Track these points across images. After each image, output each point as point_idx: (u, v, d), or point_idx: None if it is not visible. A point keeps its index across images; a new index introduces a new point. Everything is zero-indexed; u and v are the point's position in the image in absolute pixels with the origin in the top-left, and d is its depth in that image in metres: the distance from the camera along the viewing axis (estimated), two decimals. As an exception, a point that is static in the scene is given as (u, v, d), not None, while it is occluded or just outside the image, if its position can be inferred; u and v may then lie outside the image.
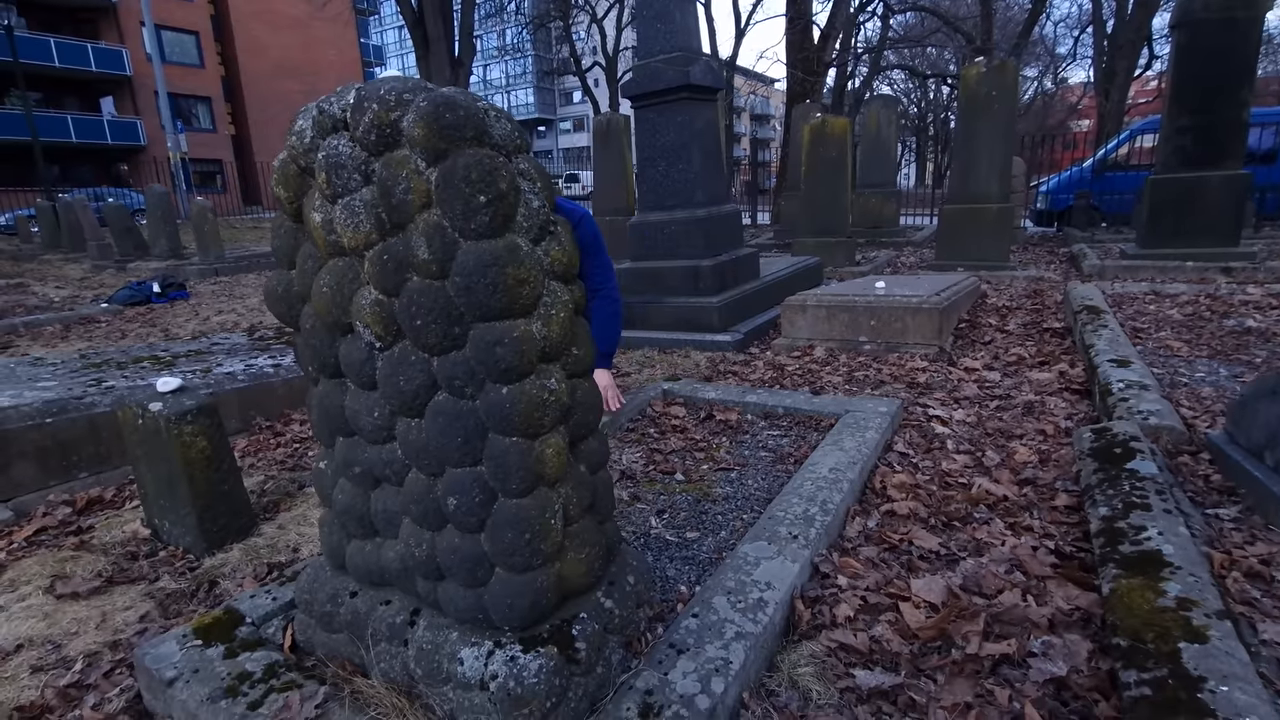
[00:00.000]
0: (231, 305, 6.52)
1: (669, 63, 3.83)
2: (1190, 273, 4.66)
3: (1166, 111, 4.88)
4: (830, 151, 6.07)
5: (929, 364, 3.04)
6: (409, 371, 0.96)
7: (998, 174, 5.40)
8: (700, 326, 3.87)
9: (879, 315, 3.35)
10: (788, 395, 2.51)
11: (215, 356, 3.20)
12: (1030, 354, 3.04)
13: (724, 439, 2.26)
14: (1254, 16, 4.48)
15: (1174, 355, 2.61)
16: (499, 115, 0.93)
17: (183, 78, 23.93)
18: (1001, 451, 1.99)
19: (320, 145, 0.92)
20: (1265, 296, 3.48)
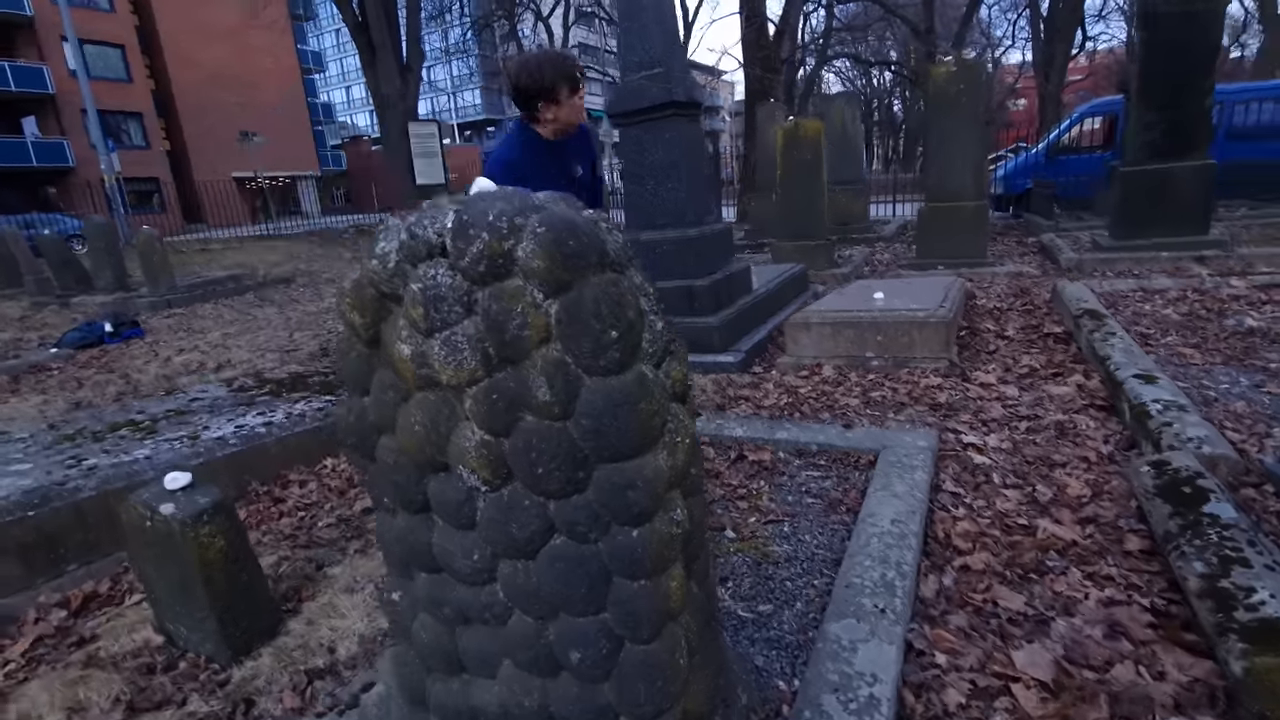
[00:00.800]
0: (192, 342, 6.19)
1: (653, 79, 3.73)
2: (1165, 263, 4.79)
3: (1134, 105, 4.99)
4: (804, 154, 6.05)
5: (942, 379, 3.03)
6: (522, 517, 0.86)
7: (971, 171, 5.46)
8: (700, 347, 3.80)
9: (885, 330, 3.33)
10: (818, 429, 2.45)
11: (198, 416, 2.99)
12: (1040, 364, 3.05)
13: (762, 483, 2.19)
14: (1213, 9, 4.60)
15: (1189, 363, 2.65)
16: (609, 225, 0.83)
17: (110, 94, 22.76)
18: (1051, 485, 1.96)
19: (410, 272, 0.81)
20: (1251, 290, 3.58)
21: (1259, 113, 8.66)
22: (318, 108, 37.43)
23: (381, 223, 0.89)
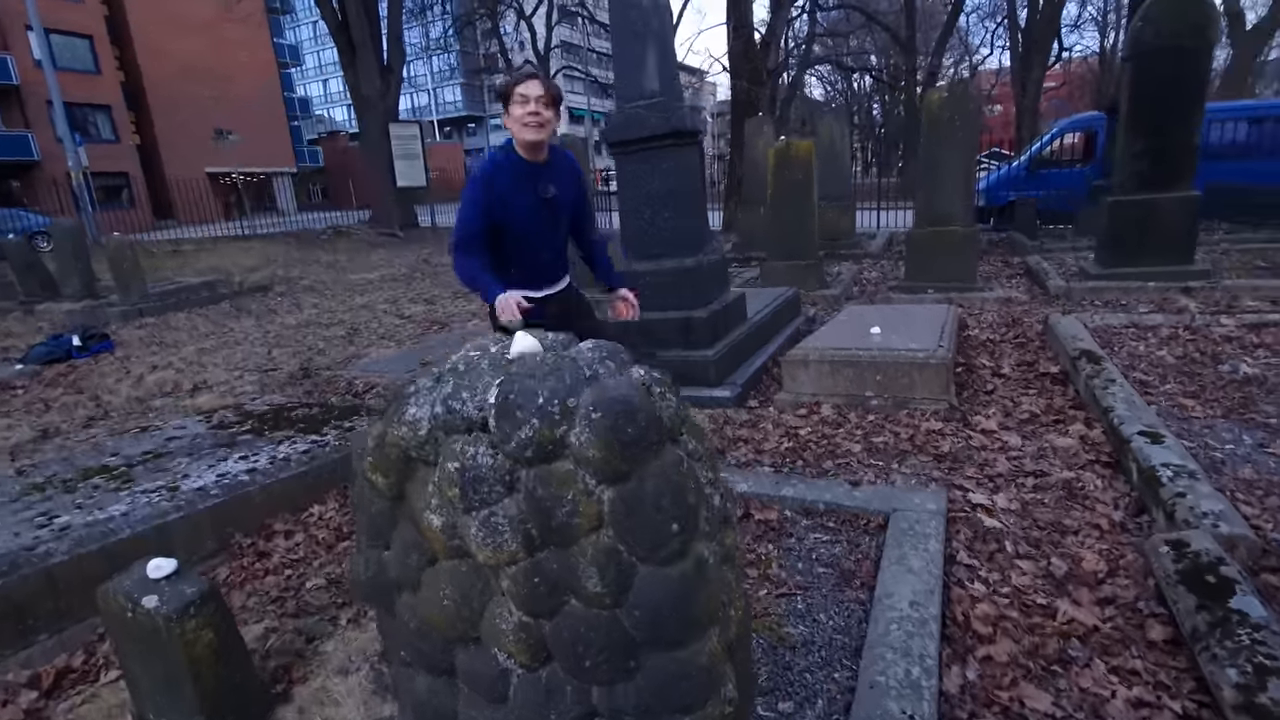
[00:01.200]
0: (165, 358, 5.98)
1: (651, 109, 3.66)
2: (1153, 293, 4.84)
3: (1122, 133, 5.04)
4: (796, 174, 6.03)
5: (943, 424, 3.01)
6: (562, 704, 0.79)
7: (961, 197, 5.47)
8: (696, 380, 3.74)
9: (885, 370, 3.30)
10: (825, 486, 2.40)
11: (176, 460, 2.86)
12: (1040, 409, 3.04)
13: (770, 546, 2.14)
14: (1200, 46, 4.65)
15: (1190, 416, 2.65)
16: (661, 387, 0.76)
17: (78, 85, 22.08)
18: (1066, 558, 1.93)
19: (443, 443, 0.73)
20: (1241, 329, 3.61)
21: (1234, 133, 8.84)
22: (294, 102, 36.73)
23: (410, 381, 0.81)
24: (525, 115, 2.10)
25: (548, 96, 2.11)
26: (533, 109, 2.09)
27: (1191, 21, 4.61)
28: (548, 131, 2.15)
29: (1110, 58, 35.53)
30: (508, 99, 2.12)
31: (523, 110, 2.10)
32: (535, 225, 2.29)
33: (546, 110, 2.11)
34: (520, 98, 2.10)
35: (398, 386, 0.79)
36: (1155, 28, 4.67)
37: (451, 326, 6.51)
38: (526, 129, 2.11)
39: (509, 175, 2.19)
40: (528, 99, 2.09)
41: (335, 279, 10.13)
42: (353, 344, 6.07)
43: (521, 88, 2.11)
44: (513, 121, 2.13)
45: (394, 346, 5.87)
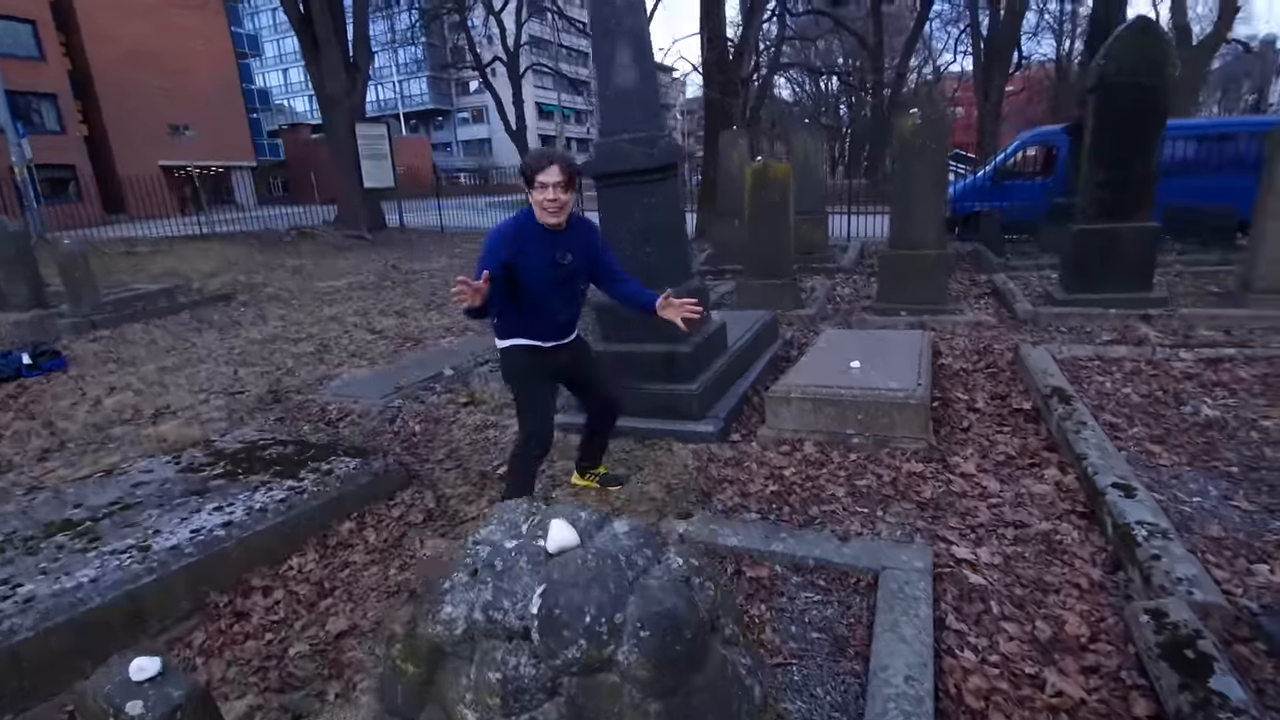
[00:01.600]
0: (123, 377, 5.76)
1: (635, 143, 3.64)
2: (1114, 320, 5.01)
3: (1087, 165, 5.20)
4: (773, 196, 6.07)
5: (924, 465, 3.07)
6: None
7: (933, 221, 5.58)
8: (679, 414, 3.75)
9: (866, 409, 3.35)
10: (813, 541, 2.43)
11: (145, 512, 2.75)
12: (1015, 450, 3.12)
13: (763, 606, 2.16)
14: (1158, 84, 4.83)
15: (1158, 463, 2.75)
16: (701, 576, 0.76)
17: (20, 72, 21.05)
18: (1049, 620, 1.99)
19: (485, 653, 0.71)
20: (1198, 365, 3.77)
21: (1183, 151, 9.16)
22: (253, 94, 35.65)
23: (436, 580, 0.79)
24: (545, 201, 2.32)
25: (565, 180, 2.31)
26: (551, 195, 2.31)
27: (1149, 59, 4.78)
28: (566, 213, 2.40)
29: (1067, 64, 36.65)
30: (529, 182, 2.33)
31: (542, 196, 2.32)
32: (550, 286, 2.49)
33: (564, 194, 2.33)
34: (540, 184, 2.30)
35: (429, 581, 0.77)
36: (1116, 64, 4.83)
37: (425, 343, 6.40)
38: (546, 214, 2.36)
39: (530, 236, 2.41)
40: (546, 186, 2.30)
41: (301, 287, 9.87)
42: (323, 362, 5.92)
43: (541, 175, 2.30)
44: (534, 203, 2.36)
45: (367, 365, 5.75)
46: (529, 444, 2.69)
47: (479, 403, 4.52)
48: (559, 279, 2.50)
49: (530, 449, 2.70)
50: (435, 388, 4.97)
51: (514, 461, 2.75)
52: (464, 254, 13.06)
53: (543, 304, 2.52)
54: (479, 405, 4.49)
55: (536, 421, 2.68)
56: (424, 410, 4.47)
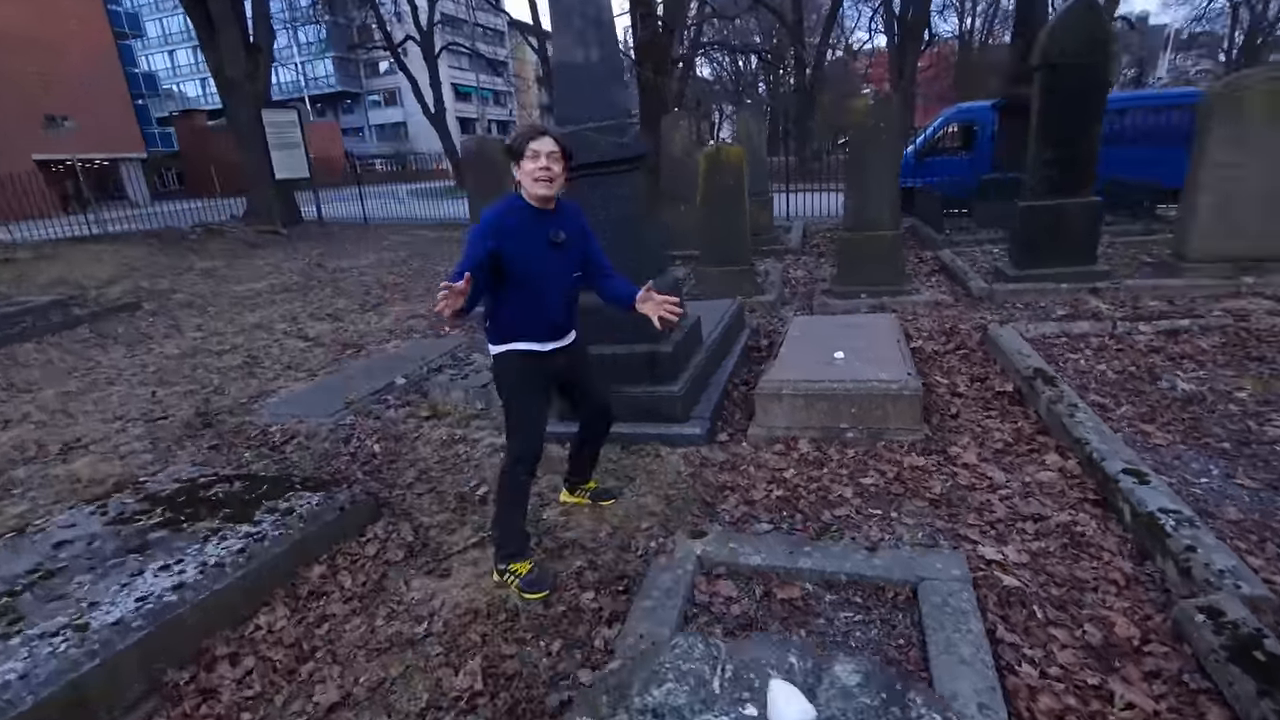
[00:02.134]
0: (19, 407, 5.08)
1: (602, 131, 3.40)
2: (1065, 294, 5.17)
3: (1034, 143, 5.30)
4: (727, 180, 5.94)
5: (924, 458, 3.02)
6: None
7: (889, 203, 5.59)
8: (663, 417, 3.58)
9: (859, 403, 3.28)
10: (841, 554, 2.31)
11: (74, 580, 2.36)
12: (1010, 437, 3.12)
13: (802, 632, 2.03)
14: (1101, 63, 4.95)
15: (1154, 443, 2.79)
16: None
17: None
18: (1096, 622, 1.95)
19: None
20: (1160, 338, 3.90)
21: (1111, 124, 9.61)
22: (138, 78, 32.67)
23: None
24: (536, 170, 2.18)
25: (560, 152, 2.21)
26: (544, 164, 2.18)
27: (1093, 38, 4.89)
28: (558, 186, 2.26)
29: (970, 41, 38.26)
30: (519, 153, 2.21)
31: (534, 165, 2.18)
32: (545, 268, 2.32)
33: (557, 165, 2.21)
34: (532, 153, 2.18)
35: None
36: (1061, 44, 4.92)
37: (368, 349, 5.95)
38: (538, 184, 2.20)
39: (518, 218, 2.27)
40: (539, 154, 2.18)
41: (216, 291, 9.06)
42: (254, 377, 5.41)
43: (534, 143, 2.18)
44: (523, 175, 2.22)
45: (305, 378, 5.28)
46: (520, 464, 2.45)
47: (442, 415, 4.21)
48: (553, 263, 2.32)
49: (521, 469, 2.47)
50: (389, 400, 4.60)
51: (504, 481, 2.49)
52: (394, 247, 12.38)
53: (539, 295, 2.33)
54: (442, 418, 4.17)
55: (529, 439, 2.45)
56: (381, 427, 4.12)
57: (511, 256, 2.21)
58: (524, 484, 2.49)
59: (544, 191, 2.22)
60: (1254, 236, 4.90)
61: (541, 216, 2.28)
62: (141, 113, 31.12)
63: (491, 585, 2.49)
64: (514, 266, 2.23)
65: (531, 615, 2.32)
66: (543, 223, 2.28)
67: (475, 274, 2.06)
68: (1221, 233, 4.96)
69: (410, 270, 9.92)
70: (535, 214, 2.28)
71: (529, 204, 2.27)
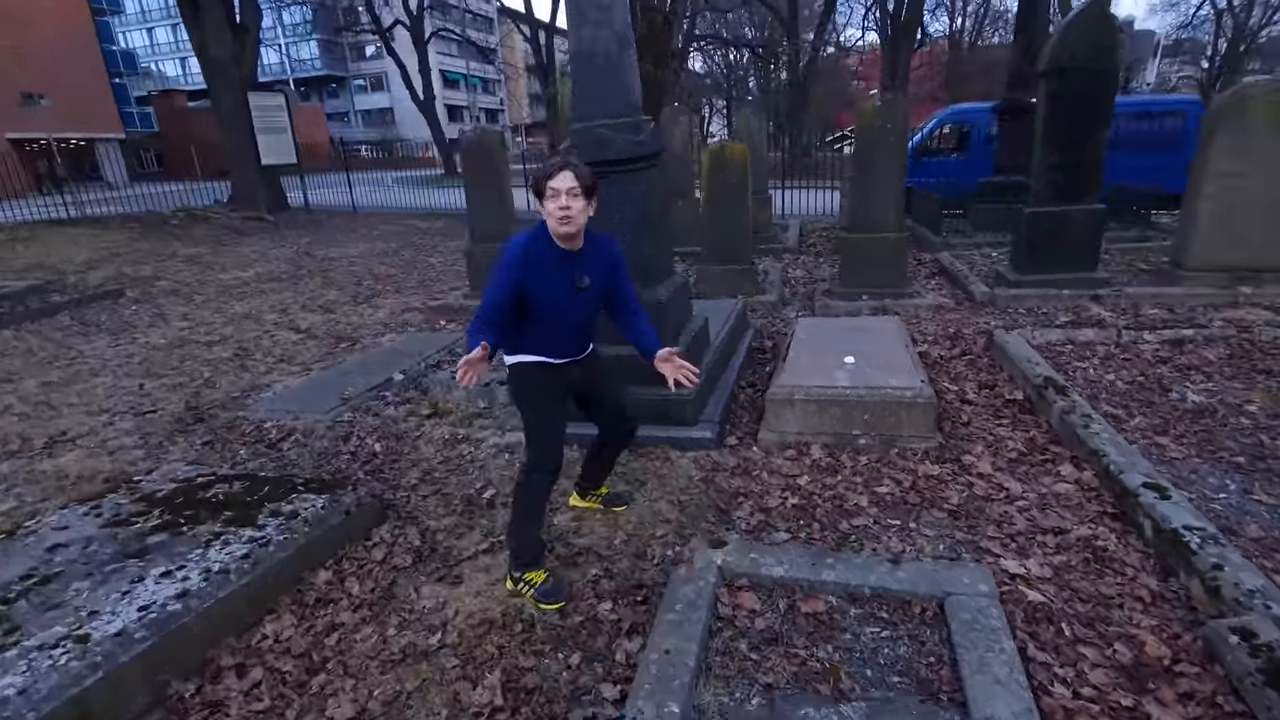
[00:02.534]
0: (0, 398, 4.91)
1: (617, 129, 3.33)
2: (1067, 301, 5.19)
3: (1039, 148, 5.30)
4: (731, 178, 5.89)
5: (939, 466, 3.00)
6: None
7: (893, 204, 5.57)
8: (674, 419, 3.53)
9: (872, 410, 3.25)
10: (863, 566, 2.28)
11: (71, 586, 2.27)
12: (1024, 446, 3.11)
13: (829, 648, 1.99)
14: (1109, 69, 4.96)
15: (1169, 456, 2.79)
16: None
17: None
18: (1125, 640, 1.94)
19: None
20: (1166, 348, 3.91)
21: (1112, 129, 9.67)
22: (116, 56, 31.84)
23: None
24: (556, 210, 2.11)
25: (579, 187, 2.11)
26: (563, 203, 2.09)
27: (1102, 45, 4.89)
28: (579, 224, 2.16)
29: (959, 41, 38.50)
30: (540, 192, 2.14)
31: (553, 205, 2.11)
32: (566, 311, 2.28)
33: (576, 202, 2.11)
34: (551, 191, 2.10)
35: None
36: (1071, 49, 4.91)
37: (363, 343, 5.84)
38: (561, 224, 2.13)
39: (542, 262, 2.19)
40: (558, 193, 2.10)
41: (202, 279, 8.86)
42: (246, 370, 5.28)
43: (553, 181, 2.10)
44: (546, 215, 2.15)
45: (300, 372, 5.16)
46: (537, 471, 2.40)
47: (443, 413, 4.13)
48: (574, 308, 2.30)
49: (540, 478, 2.41)
50: (386, 396, 4.51)
51: (519, 492, 2.42)
52: (384, 236, 12.19)
53: (556, 330, 2.33)
54: (444, 416, 4.10)
55: (548, 446, 2.38)
56: (381, 425, 4.03)
57: (534, 293, 2.17)
58: (542, 492, 2.43)
59: (567, 230, 2.14)
60: (1255, 246, 4.95)
61: (567, 258, 2.21)
62: (119, 91, 30.33)
63: (505, 593, 2.43)
64: (535, 303, 2.20)
65: (548, 626, 2.27)
66: (568, 265, 2.21)
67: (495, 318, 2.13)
68: (1222, 242, 5.01)
69: (402, 261, 9.76)
70: (560, 256, 2.20)
71: (555, 244, 2.19)
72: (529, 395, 2.39)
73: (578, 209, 2.12)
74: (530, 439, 2.40)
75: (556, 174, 2.10)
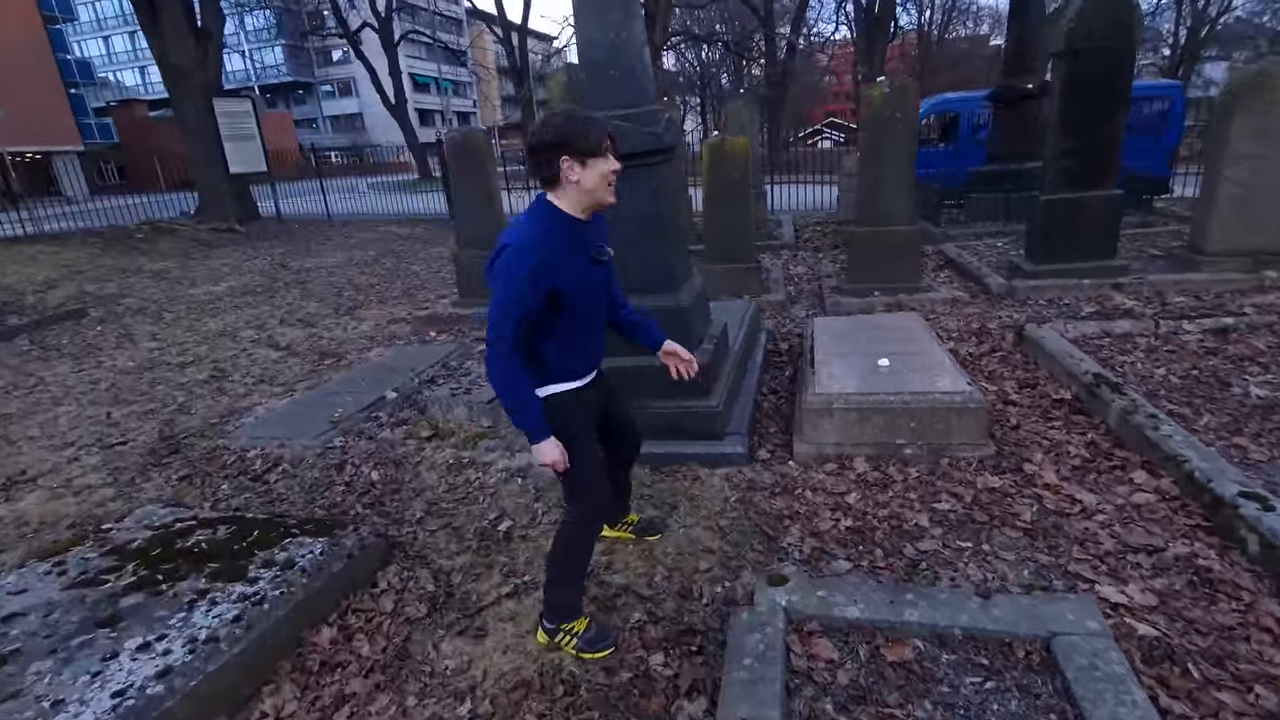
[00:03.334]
0: (-51, 433, 4.48)
1: (632, 120, 3.04)
2: (1088, 290, 5.01)
3: (1054, 133, 5.11)
4: (732, 173, 5.63)
5: (998, 477, 2.76)
6: None
7: (904, 196, 5.35)
8: (700, 434, 3.26)
9: (919, 417, 3.00)
10: (950, 602, 2.02)
11: (29, 669, 1.92)
12: (1083, 449, 2.88)
13: (928, 705, 1.73)
14: (1126, 48, 4.78)
15: (1252, 459, 2.58)
16: None
17: None
18: (1263, 681, 1.70)
19: None
20: (1210, 338, 3.72)
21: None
22: (71, 65, 30.75)
23: None
24: (611, 174, 1.82)
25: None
26: (617, 168, 1.83)
27: (1118, 22, 4.70)
28: None
29: (927, 34, 38.73)
30: (593, 150, 1.77)
31: (608, 169, 1.81)
32: (596, 294, 1.99)
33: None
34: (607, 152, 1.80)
35: None
36: (1088, 28, 4.72)
37: (349, 358, 5.47)
38: (609, 190, 1.85)
39: (564, 238, 1.84)
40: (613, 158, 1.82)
41: (171, 295, 8.38)
42: (224, 393, 4.90)
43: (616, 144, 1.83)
44: (594, 175, 1.79)
45: (283, 393, 4.80)
46: (594, 525, 2.12)
47: (445, 435, 3.80)
48: (599, 285, 1.99)
49: (595, 530, 2.15)
50: (380, 417, 4.18)
51: (568, 547, 2.08)
52: (362, 244, 11.74)
53: (588, 323, 1.99)
54: (445, 438, 3.77)
55: (598, 489, 2.07)
56: (377, 450, 3.70)
57: (567, 290, 1.82)
58: (593, 543, 2.15)
59: (611, 200, 1.86)
60: (1276, 230, 4.80)
61: (584, 230, 1.89)
62: (76, 103, 29.29)
63: (538, 646, 2.14)
64: (568, 299, 1.84)
65: (593, 686, 1.98)
66: (584, 237, 1.89)
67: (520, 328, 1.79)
68: (1243, 226, 4.86)
69: (384, 269, 9.37)
70: (579, 230, 1.87)
71: (571, 216, 1.84)
72: (571, 433, 1.96)
73: None
74: (579, 485, 2.04)
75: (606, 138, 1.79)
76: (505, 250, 1.77)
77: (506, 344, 1.77)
